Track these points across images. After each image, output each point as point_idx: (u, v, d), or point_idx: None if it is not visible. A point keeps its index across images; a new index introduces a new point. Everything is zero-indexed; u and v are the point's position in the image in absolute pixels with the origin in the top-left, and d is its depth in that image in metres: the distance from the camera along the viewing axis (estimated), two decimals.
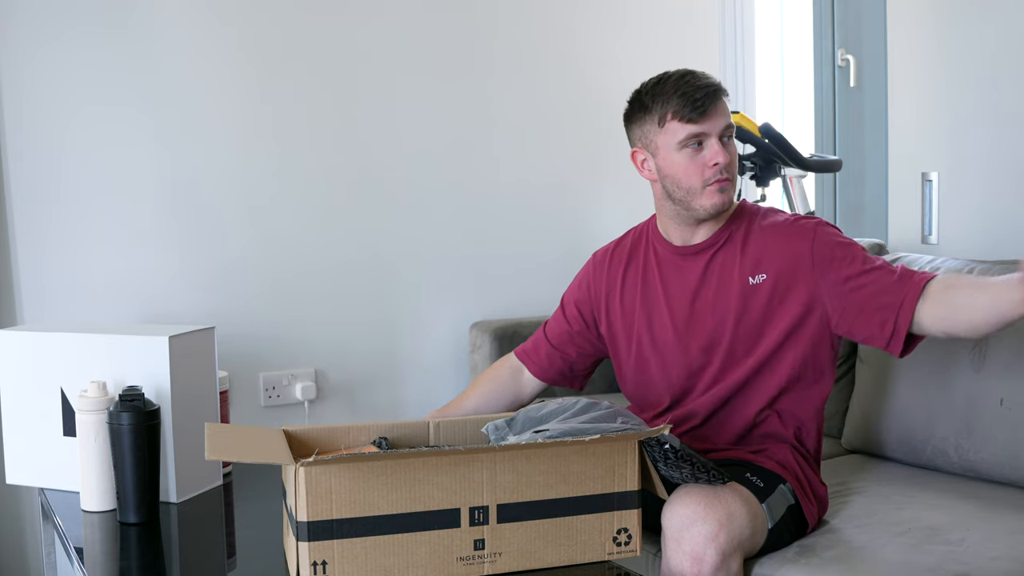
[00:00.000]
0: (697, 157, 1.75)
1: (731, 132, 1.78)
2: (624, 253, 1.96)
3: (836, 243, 1.75)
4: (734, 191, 1.79)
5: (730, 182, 1.77)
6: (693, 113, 1.73)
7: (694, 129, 1.74)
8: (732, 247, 1.81)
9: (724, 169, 1.75)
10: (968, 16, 2.39)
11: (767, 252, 1.77)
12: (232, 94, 2.64)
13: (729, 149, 1.77)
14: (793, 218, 1.82)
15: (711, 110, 1.74)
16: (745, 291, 1.77)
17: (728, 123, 1.77)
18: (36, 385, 1.88)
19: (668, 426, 1.47)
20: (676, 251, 1.85)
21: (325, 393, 2.79)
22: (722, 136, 1.76)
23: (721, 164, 1.75)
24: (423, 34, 2.85)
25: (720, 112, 1.76)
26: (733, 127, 1.78)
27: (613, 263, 1.97)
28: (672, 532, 1.57)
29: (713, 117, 1.75)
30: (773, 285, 1.76)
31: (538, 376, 2.03)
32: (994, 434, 1.96)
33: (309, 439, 1.61)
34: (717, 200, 1.76)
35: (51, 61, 2.46)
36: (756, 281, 1.77)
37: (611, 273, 1.96)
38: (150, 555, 1.63)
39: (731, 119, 1.78)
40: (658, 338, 1.85)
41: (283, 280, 2.72)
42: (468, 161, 2.93)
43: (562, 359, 2.01)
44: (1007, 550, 1.64)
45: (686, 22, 3.20)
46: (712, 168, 1.75)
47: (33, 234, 2.48)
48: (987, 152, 2.38)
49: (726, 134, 1.77)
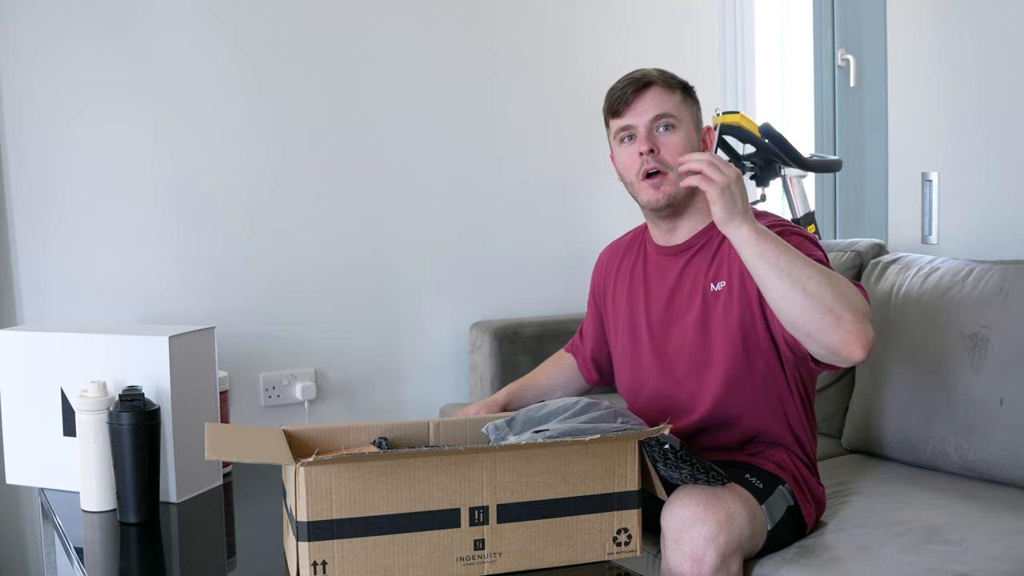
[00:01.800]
0: (630, 149, 1.76)
1: (668, 122, 1.73)
2: (622, 250, 1.97)
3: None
4: (672, 186, 1.73)
5: (662, 176, 1.72)
6: (617, 106, 1.76)
7: (620, 122, 1.76)
8: (710, 250, 1.78)
9: (651, 158, 1.72)
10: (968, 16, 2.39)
11: (730, 259, 1.74)
12: (232, 94, 2.64)
13: (664, 139, 1.73)
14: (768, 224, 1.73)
15: (633, 100, 1.73)
16: (707, 297, 1.75)
17: (659, 113, 1.72)
18: (36, 385, 1.88)
19: (668, 426, 1.47)
20: (660, 251, 1.85)
21: (325, 393, 2.79)
22: (654, 127, 1.73)
23: (644, 152, 1.72)
24: (423, 34, 2.86)
25: (646, 102, 1.73)
26: (670, 116, 1.73)
27: (611, 260, 1.99)
28: (672, 533, 1.57)
29: (637, 108, 1.73)
30: (729, 293, 1.73)
31: (583, 373, 2.08)
32: (994, 434, 1.96)
33: (309, 439, 1.61)
34: (651, 196, 1.74)
35: (51, 62, 2.46)
36: (716, 288, 1.75)
37: (609, 269, 1.98)
38: (150, 555, 1.63)
39: (667, 109, 1.73)
40: (636, 337, 1.86)
41: (283, 280, 2.72)
42: (468, 161, 2.93)
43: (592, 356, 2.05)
44: (1007, 550, 1.64)
45: (685, 21, 3.20)
46: (639, 159, 1.73)
47: (33, 234, 2.48)
48: (987, 152, 2.38)
49: (659, 124, 1.73)
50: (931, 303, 2.10)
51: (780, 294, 1.50)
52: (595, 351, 2.06)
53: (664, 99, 1.74)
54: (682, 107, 1.76)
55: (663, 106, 1.74)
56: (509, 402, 2.00)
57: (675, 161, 1.70)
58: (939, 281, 2.13)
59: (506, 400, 2.00)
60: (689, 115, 1.77)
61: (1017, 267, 2.02)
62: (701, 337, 1.75)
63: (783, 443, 1.79)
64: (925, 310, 2.11)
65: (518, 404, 1.99)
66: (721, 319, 1.73)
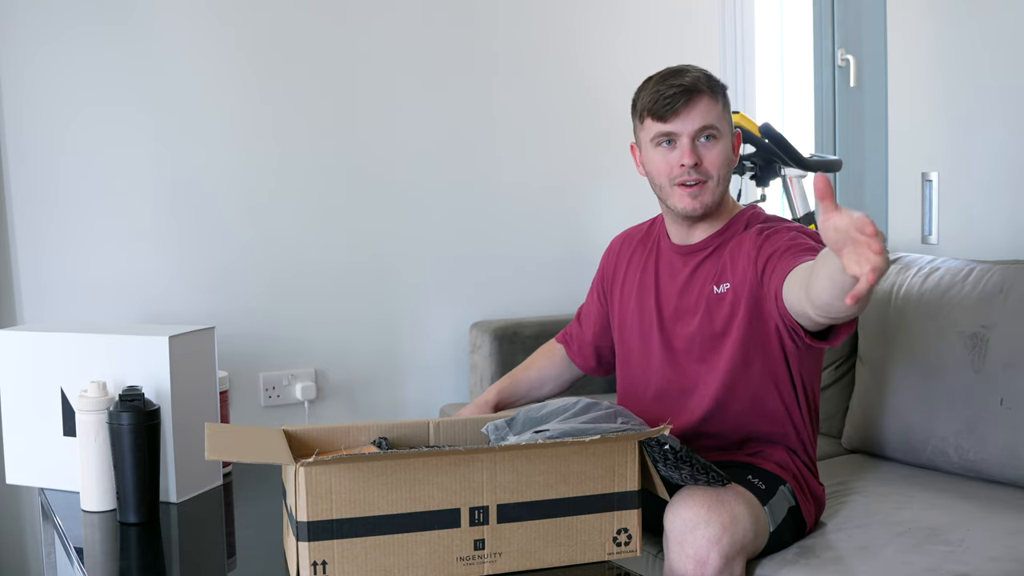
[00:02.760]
0: (669, 156, 1.74)
1: (711, 133, 1.71)
2: (636, 240, 1.96)
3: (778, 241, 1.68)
4: (711, 196, 1.73)
5: (701, 185, 1.72)
6: (663, 111, 1.72)
7: (663, 128, 1.73)
8: (722, 253, 1.78)
9: (693, 170, 1.71)
10: (968, 16, 2.39)
11: (734, 260, 1.74)
12: (232, 94, 2.64)
13: (706, 151, 1.72)
14: (770, 226, 1.75)
15: (682, 110, 1.71)
16: (710, 299, 1.76)
17: (705, 124, 1.71)
18: (36, 385, 1.88)
19: (668, 427, 1.47)
20: (675, 249, 1.85)
21: (325, 393, 2.79)
22: (697, 137, 1.72)
23: (687, 165, 1.71)
24: (423, 35, 2.85)
25: (694, 113, 1.71)
26: (714, 128, 1.72)
27: (624, 248, 1.97)
28: (675, 535, 1.56)
29: (684, 117, 1.71)
30: (733, 295, 1.73)
31: (575, 361, 2.07)
32: (994, 434, 1.96)
33: (309, 439, 1.61)
34: (686, 204, 1.74)
35: (51, 62, 2.46)
36: (720, 291, 1.75)
37: (620, 258, 1.97)
38: (150, 555, 1.63)
39: (712, 120, 1.71)
40: (646, 330, 1.86)
41: (283, 280, 2.72)
42: (468, 161, 2.93)
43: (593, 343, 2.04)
44: (1007, 550, 1.64)
45: (685, 21, 3.20)
46: (679, 168, 1.72)
47: (33, 234, 2.48)
48: (987, 152, 2.38)
49: (702, 135, 1.72)
50: (931, 303, 2.10)
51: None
52: (597, 338, 2.03)
53: (711, 110, 1.72)
54: (723, 116, 1.75)
55: (709, 117, 1.72)
56: (500, 400, 2.00)
57: (716, 173, 1.72)
58: (939, 281, 2.13)
59: (497, 399, 2.00)
60: (728, 123, 1.76)
61: (1017, 267, 2.02)
62: (707, 337, 1.76)
63: (784, 441, 1.79)
64: (925, 310, 2.11)
65: (509, 401, 2.00)
66: (726, 320, 1.73)
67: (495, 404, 1.99)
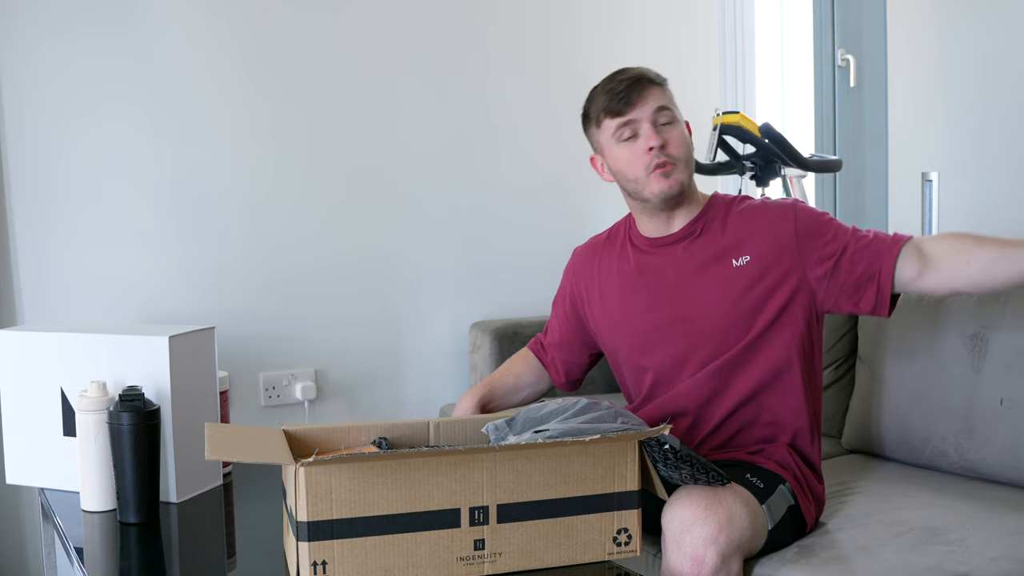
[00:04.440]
0: (635, 146, 1.78)
1: (668, 116, 1.78)
2: (599, 248, 1.98)
3: (816, 222, 1.78)
4: (683, 174, 1.79)
5: (674, 165, 1.78)
6: (619, 104, 1.78)
7: (623, 119, 1.78)
8: (711, 233, 1.82)
9: (661, 152, 1.77)
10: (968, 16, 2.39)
11: (749, 233, 1.79)
12: (232, 94, 2.64)
13: (668, 133, 1.78)
14: (770, 201, 1.84)
15: (636, 99, 1.77)
16: (729, 273, 1.78)
17: (659, 105, 1.78)
18: (36, 385, 1.88)
19: (668, 426, 1.47)
20: (654, 243, 1.87)
21: (325, 393, 2.79)
22: (656, 120, 1.78)
23: (656, 147, 1.76)
24: (422, 33, 2.86)
25: (648, 98, 1.78)
26: (669, 110, 1.79)
27: (591, 259, 1.98)
28: (672, 534, 1.56)
29: (639, 104, 1.77)
30: (757, 267, 1.77)
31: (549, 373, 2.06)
32: (994, 434, 1.96)
33: (309, 439, 1.61)
34: (664, 185, 1.78)
35: (51, 62, 2.46)
36: (739, 263, 1.78)
37: (590, 269, 1.97)
38: (150, 555, 1.63)
39: (665, 102, 1.79)
40: (644, 327, 1.85)
41: (283, 280, 2.72)
42: (468, 160, 2.93)
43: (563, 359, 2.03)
44: (1007, 550, 1.64)
45: (685, 21, 3.20)
46: (648, 153, 1.77)
47: (33, 234, 2.48)
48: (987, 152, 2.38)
49: (660, 118, 1.78)
50: (931, 303, 2.10)
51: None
52: (567, 356, 2.03)
53: (659, 94, 1.80)
54: (673, 104, 1.82)
55: (661, 99, 1.79)
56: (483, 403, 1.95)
57: (679, 153, 1.78)
58: None
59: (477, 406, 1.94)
60: (678, 111, 1.83)
61: None
62: (732, 312, 1.77)
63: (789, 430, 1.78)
64: (925, 310, 2.11)
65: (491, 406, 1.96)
66: (748, 290, 1.76)
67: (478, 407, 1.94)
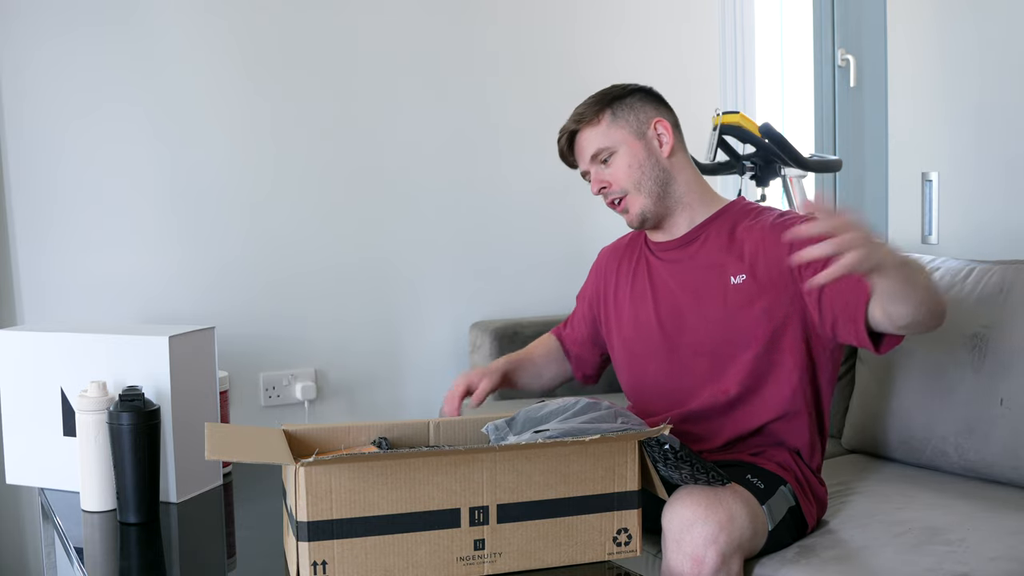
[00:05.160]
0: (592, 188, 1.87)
1: (605, 154, 1.82)
2: (621, 250, 1.99)
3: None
4: (641, 199, 1.82)
5: (624, 200, 1.83)
6: (565, 161, 1.91)
7: (578, 171, 1.90)
8: (715, 242, 1.80)
9: (607, 192, 1.83)
10: (968, 16, 2.39)
11: (750, 253, 1.76)
12: (232, 94, 2.64)
13: (607, 171, 1.82)
14: (780, 220, 1.78)
15: (573, 155, 1.88)
16: (726, 290, 1.77)
17: (593, 151, 1.82)
18: (36, 385, 1.88)
19: (668, 426, 1.47)
20: (661, 247, 1.88)
21: (325, 393, 2.79)
22: (596, 163, 1.84)
23: (596, 193, 1.85)
24: (422, 33, 2.86)
25: (581, 150, 1.85)
26: (601, 151, 1.82)
27: (612, 260, 1.99)
28: (672, 533, 1.57)
29: (579, 157, 1.87)
30: (752, 287, 1.74)
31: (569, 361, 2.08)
32: (994, 434, 1.96)
33: (309, 439, 1.61)
34: (626, 220, 1.86)
35: (51, 62, 2.46)
36: (736, 281, 1.76)
37: (609, 270, 1.98)
38: (150, 555, 1.63)
39: (597, 145, 1.82)
40: (644, 335, 1.86)
41: (283, 280, 2.72)
42: (468, 160, 2.93)
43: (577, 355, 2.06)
44: (1007, 550, 1.64)
45: (685, 21, 3.20)
46: (599, 195, 1.85)
47: (33, 234, 2.48)
48: (987, 152, 2.38)
49: (599, 159, 1.83)
50: None
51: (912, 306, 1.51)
52: (581, 351, 2.06)
53: (591, 138, 1.83)
54: (612, 129, 1.83)
55: (592, 145, 1.83)
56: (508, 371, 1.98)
57: (628, 182, 1.81)
58: (939, 281, 2.13)
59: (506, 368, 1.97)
60: (624, 130, 1.83)
61: (1017, 267, 2.02)
62: (723, 330, 1.76)
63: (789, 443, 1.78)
64: None
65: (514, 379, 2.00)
66: (743, 309, 1.74)
67: (504, 373, 1.96)
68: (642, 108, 1.84)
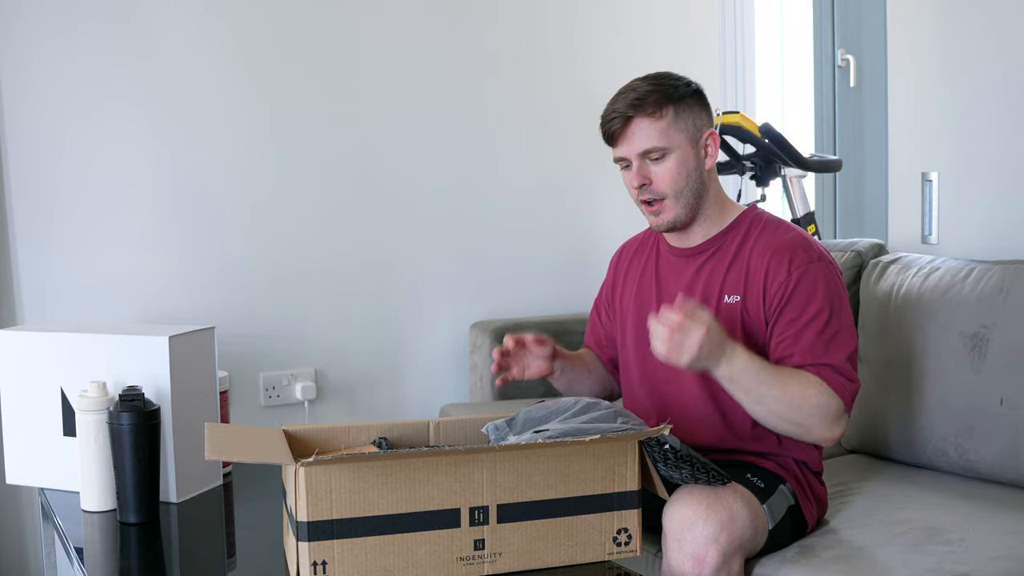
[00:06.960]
0: (627, 176, 1.77)
1: (659, 153, 1.72)
2: (633, 248, 1.97)
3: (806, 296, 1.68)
4: (676, 207, 1.74)
5: (659, 203, 1.75)
6: (608, 137, 1.77)
7: (615, 153, 1.78)
8: (722, 257, 1.78)
9: (645, 191, 1.74)
10: (969, 16, 2.39)
11: (746, 274, 1.74)
12: (232, 94, 2.64)
13: (655, 169, 1.73)
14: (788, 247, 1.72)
15: (620, 136, 1.73)
16: (719, 308, 1.75)
17: (649, 147, 1.71)
18: (36, 385, 1.88)
19: (668, 426, 1.47)
20: (673, 251, 1.86)
21: (325, 393, 2.79)
22: (645, 158, 1.73)
23: (635, 187, 1.74)
24: (422, 34, 2.86)
25: (634, 136, 1.72)
26: (656, 149, 1.71)
27: (624, 257, 1.98)
28: (673, 533, 1.56)
29: (625, 142, 1.74)
30: (741, 310, 1.73)
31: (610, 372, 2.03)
32: (994, 434, 1.96)
33: (309, 439, 1.61)
34: (653, 222, 1.79)
35: (52, 61, 2.46)
36: (729, 301, 1.75)
37: (620, 267, 1.98)
38: (150, 555, 1.63)
39: (653, 142, 1.71)
40: (643, 336, 1.85)
41: (283, 280, 2.72)
42: (468, 161, 2.93)
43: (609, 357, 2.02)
44: (1007, 550, 1.64)
45: (685, 21, 3.20)
46: (634, 191, 1.76)
47: (33, 234, 2.48)
48: (987, 152, 2.38)
49: (649, 156, 1.72)
50: (931, 303, 2.10)
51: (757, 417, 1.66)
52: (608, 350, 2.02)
53: (650, 131, 1.72)
54: (672, 130, 1.72)
55: (649, 140, 1.72)
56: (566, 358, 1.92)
57: (671, 188, 1.73)
58: (939, 281, 2.13)
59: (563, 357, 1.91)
60: (683, 133, 1.73)
61: (1017, 267, 2.02)
62: None
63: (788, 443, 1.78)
64: (925, 310, 2.11)
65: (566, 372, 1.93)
66: (730, 331, 1.71)
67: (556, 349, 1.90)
68: (700, 114, 1.76)
